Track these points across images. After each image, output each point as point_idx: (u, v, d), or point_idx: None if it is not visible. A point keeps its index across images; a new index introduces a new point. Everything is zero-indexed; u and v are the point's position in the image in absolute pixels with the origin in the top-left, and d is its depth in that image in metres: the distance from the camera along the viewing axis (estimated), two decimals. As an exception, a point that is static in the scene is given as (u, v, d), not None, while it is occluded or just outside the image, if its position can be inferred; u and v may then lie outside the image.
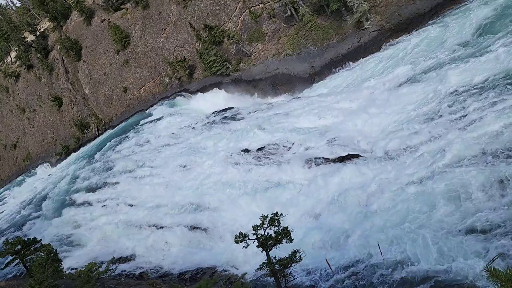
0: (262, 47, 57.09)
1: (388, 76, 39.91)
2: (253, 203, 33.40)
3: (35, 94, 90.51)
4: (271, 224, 20.03)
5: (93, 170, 57.61)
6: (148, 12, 70.24)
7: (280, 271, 20.71)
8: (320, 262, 23.83)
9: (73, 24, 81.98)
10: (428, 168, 25.21)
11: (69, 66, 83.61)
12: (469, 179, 22.17)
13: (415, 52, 40.43)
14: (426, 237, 20.71)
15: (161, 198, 42.17)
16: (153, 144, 55.56)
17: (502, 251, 18.03)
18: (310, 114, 40.55)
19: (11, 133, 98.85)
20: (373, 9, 46.72)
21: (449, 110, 28.86)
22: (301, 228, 27.57)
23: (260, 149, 39.24)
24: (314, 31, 51.27)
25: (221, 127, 48.91)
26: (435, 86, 32.47)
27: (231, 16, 59.67)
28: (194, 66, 65.29)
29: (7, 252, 28.16)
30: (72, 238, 44.35)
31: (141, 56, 72.46)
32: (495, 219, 19.73)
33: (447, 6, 42.19)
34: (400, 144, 29.62)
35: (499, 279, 6.32)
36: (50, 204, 55.65)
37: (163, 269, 32.63)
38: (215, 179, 39.44)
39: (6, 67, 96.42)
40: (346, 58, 48.27)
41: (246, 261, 27.61)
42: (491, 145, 23.33)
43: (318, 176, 31.47)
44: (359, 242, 23.33)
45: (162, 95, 70.48)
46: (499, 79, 27.71)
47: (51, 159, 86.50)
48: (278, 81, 54.87)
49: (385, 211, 24.44)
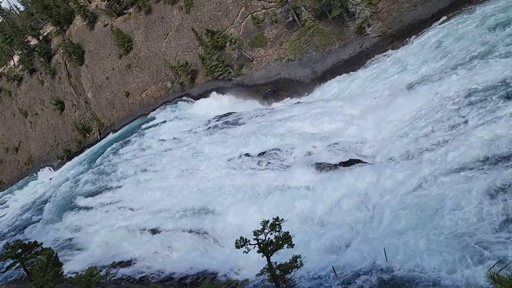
0: (264, 52, 57.23)
1: (391, 82, 39.91)
2: (254, 208, 33.30)
3: (37, 98, 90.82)
4: (272, 229, 19.98)
5: (94, 174, 57.65)
6: (151, 17, 70.58)
7: (281, 277, 20.62)
8: (321, 267, 23.72)
9: (76, 29, 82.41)
10: (430, 173, 25.15)
11: (72, 70, 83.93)
12: (472, 185, 22.11)
13: (417, 57, 40.47)
14: (430, 243, 20.62)
15: (162, 202, 42.11)
16: (154, 148, 55.59)
17: (504, 258, 17.94)
18: (312, 119, 40.52)
19: (13, 136, 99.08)
20: (375, 15, 46.86)
21: (451, 115, 28.84)
22: (303, 233, 27.48)
23: (262, 154, 39.22)
24: (316, 37, 51.40)
25: (223, 132, 48.90)
26: (437, 91, 32.44)
27: (233, 21, 59.90)
28: (196, 71, 65.47)
29: (8, 255, 28.15)
30: (72, 242, 44.29)
31: (144, 60, 72.72)
32: (497, 226, 19.64)
33: (449, 12, 42.27)
34: (402, 150, 29.58)
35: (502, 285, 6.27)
36: (51, 208, 55.60)
37: (163, 273, 32.51)
38: (216, 184, 39.36)
39: (9, 70, 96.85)
40: (347, 63, 48.34)
41: (247, 266, 27.49)
42: (493, 151, 23.28)
43: (320, 181, 31.40)
44: (362, 248, 23.21)
45: (164, 100, 70.63)
46: (500, 85, 27.73)
47: (53, 162, 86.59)
48: (280, 86, 54.93)
49: (387, 216, 24.35)
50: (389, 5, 46.18)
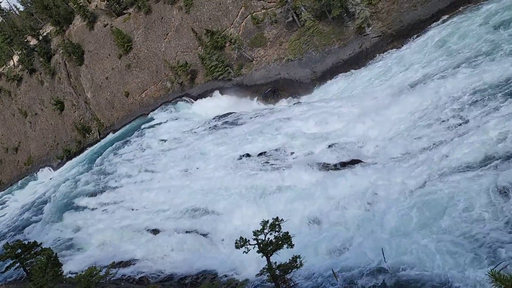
0: (264, 52, 57.23)
1: (391, 82, 39.85)
2: (254, 208, 33.25)
3: (37, 98, 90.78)
4: (272, 229, 19.95)
5: (94, 174, 57.62)
6: (151, 17, 70.56)
7: (281, 277, 20.59)
8: (321, 268, 23.70)
9: (76, 29, 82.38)
10: (430, 174, 25.11)
11: (72, 70, 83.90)
12: (472, 185, 22.07)
13: (418, 57, 40.40)
14: (429, 244, 20.59)
15: (162, 202, 42.09)
16: (154, 148, 55.57)
17: (505, 257, 17.92)
18: (312, 119, 40.50)
19: (13, 136, 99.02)
20: (374, 15, 46.86)
21: (451, 115, 28.80)
22: (303, 233, 27.45)
23: (262, 154, 39.19)
24: (315, 37, 51.40)
25: (223, 132, 48.88)
26: (438, 91, 32.39)
27: (233, 21, 59.89)
28: (196, 71, 65.46)
29: (8, 255, 28.12)
30: (72, 242, 44.26)
31: (143, 60, 72.70)
32: (496, 226, 19.62)
33: (448, 12, 42.27)
34: (402, 150, 29.55)
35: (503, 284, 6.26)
36: (51, 208, 55.56)
37: (163, 273, 32.48)
38: (216, 184, 39.33)
39: (9, 70, 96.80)
40: (347, 63, 48.33)
41: (246, 267, 27.47)
42: (494, 151, 23.24)
43: (320, 181, 31.36)
44: (362, 248, 23.18)
45: (164, 100, 70.60)
46: (501, 85, 27.70)
47: (52, 162, 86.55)
48: (280, 86, 54.91)
49: (387, 217, 24.32)
50: (389, 5, 46.19)
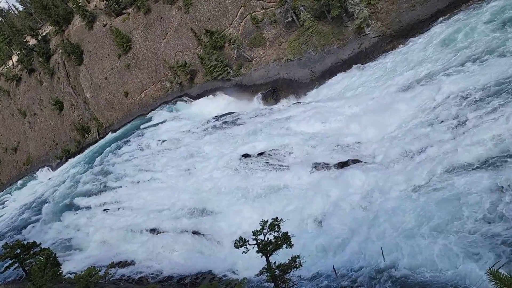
0: (263, 52, 57.23)
1: (390, 81, 39.81)
2: (253, 208, 33.27)
3: (36, 98, 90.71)
4: (271, 229, 19.95)
5: (93, 174, 57.57)
6: (150, 17, 70.53)
7: (280, 277, 20.59)
8: (321, 268, 23.71)
9: (75, 29, 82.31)
10: (429, 173, 25.12)
11: (71, 70, 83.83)
12: (470, 185, 22.08)
13: (416, 58, 40.37)
14: (428, 243, 20.59)
15: (162, 203, 42.06)
16: (153, 148, 55.53)
17: (504, 256, 17.93)
18: (311, 119, 40.51)
19: (12, 136, 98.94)
20: (373, 15, 46.87)
21: (450, 115, 28.80)
22: (302, 233, 27.46)
23: (261, 154, 39.19)
24: (315, 37, 51.41)
25: (222, 132, 48.87)
26: (437, 91, 32.36)
27: (232, 21, 59.88)
28: (195, 71, 65.45)
29: (7, 255, 28.11)
30: (71, 242, 44.26)
31: (143, 60, 72.67)
32: (495, 225, 19.63)
33: (447, 12, 42.29)
34: (401, 150, 29.55)
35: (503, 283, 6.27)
36: (50, 208, 55.57)
37: (162, 274, 32.48)
38: (215, 184, 39.33)
39: (8, 70, 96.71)
40: (346, 63, 48.34)
41: (246, 267, 27.46)
42: (492, 151, 23.25)
43: (319, 181, 31.36)
44: (361, 248, 23.19)
45: (163, 100, 70.58)
46: (499, 85, 27.71)
47: (51, 162, 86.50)
48: (279, 86, 54.92)
49: (386, 216, 24.32)
50: (388, 5, 46.21)
